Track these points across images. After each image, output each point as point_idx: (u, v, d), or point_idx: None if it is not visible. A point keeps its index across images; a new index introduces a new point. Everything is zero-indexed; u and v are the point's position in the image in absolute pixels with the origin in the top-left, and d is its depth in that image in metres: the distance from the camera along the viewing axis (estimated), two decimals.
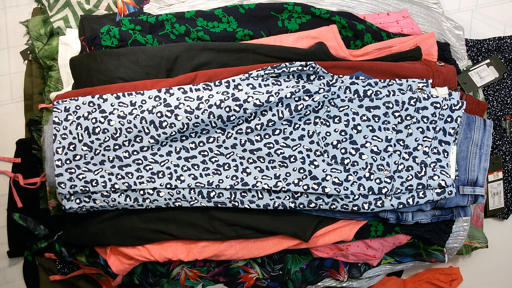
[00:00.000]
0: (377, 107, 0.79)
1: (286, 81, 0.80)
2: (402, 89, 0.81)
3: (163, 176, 0.78)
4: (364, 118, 0.79)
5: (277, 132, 0.79)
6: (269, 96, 0.76)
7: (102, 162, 0.78)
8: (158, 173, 0.78)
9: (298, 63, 0.78)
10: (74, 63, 0.84)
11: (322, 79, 0.81)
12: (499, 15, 1.08)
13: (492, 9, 1.09)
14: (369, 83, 0.81)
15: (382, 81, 0.81)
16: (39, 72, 1.01)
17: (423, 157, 0.79)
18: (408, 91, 0.80)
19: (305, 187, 0.77)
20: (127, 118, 0.77)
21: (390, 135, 0.79)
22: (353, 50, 0.88)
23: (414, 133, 0.79)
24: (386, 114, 0.79)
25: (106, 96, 0.78)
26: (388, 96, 0.79)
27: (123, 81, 0.81)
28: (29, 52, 1.02)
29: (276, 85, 0.80)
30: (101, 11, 0.99)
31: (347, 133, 0.79)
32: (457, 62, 0.97)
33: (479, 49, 1.03)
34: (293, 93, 0.76)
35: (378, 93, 0.79)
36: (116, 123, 0.77)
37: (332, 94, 0.79)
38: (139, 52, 0.81)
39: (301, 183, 0.77)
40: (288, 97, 0.76)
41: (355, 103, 0.80)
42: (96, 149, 0.77)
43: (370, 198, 0.78)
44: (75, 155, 0.77)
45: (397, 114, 0.79)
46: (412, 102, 0.79)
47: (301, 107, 0.77)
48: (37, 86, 1.01)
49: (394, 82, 0.81)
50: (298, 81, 0.81)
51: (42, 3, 1.00)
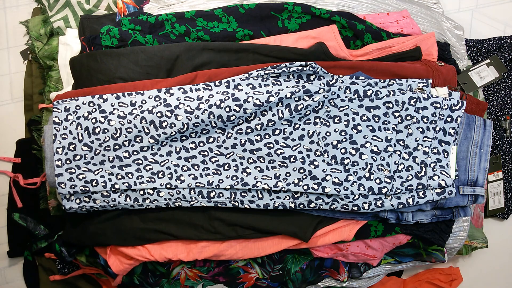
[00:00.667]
0: (377, 107, 0.79)
1: (286, 81, 0.80)
2: (402, 89, 0.81)
3: (163, 176, 0.78)
4: (364, 118, 0.79)
5: (277, 132, 0.79)
6: (269, 96, 0.76)
7: (102, 162, 0.78)
8: (158, 173, 0.78)
9: (298, 63, 0.78)
10: (74, 63, 0.84)
11: (322, 79, 0.81)
12: (499, 15, 1.08)
13: (492, 9, 1.09)
14: (369, 83, 0.81)
15: (382, 81, 0.81)
16: (39, 72, 1.01)
17: (423, 157, 0.79)
18: (408, 91, 0.80)
19: (305, 187, 0.77)
20: (127, 118, 0.77)
21: (390, 135, 0.79)
22: (353, 50, 0.88)
23: (414, 133, 0.79)
24: (386, 114, 0.79)
25: (106, 96, 0.78)
26: (388, 96, 0.79)
27: (123, 81, 0.81)
28: (29, 52, 1.02)
29: (276, 85, 0.80)
30: (101, 11, 0.99)
31: (347, 133, 0.79)
32: (457, 62, 0.97)
33: (479, 49, 1.03)
34: (293, 93, 0.76)
35: (378, 93, 0.79)
36: (116, 123, 0.77)
37: (332, 94, 0.79)
38: (139, 52, 0.81)
39: (301, 183, 0.77)
40: (288, 97, 0.76)
41: (355, 103, 0.80)
42: (96, 149, 0.77)
43: (370, 198, 0.78)
44: (75, 155, 0.77)
45: (397, 114, 0.79)
46: (412, 102, 0.79)
47: (301, 107, 0.77)
48: (37, 86, 1.01)
49: (394, 82, 0.81)
50: (298, 81, 0.81)
51: (42, 3, 1.00)
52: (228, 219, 0.80)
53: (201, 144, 0.79)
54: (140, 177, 0.77)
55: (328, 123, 0.79)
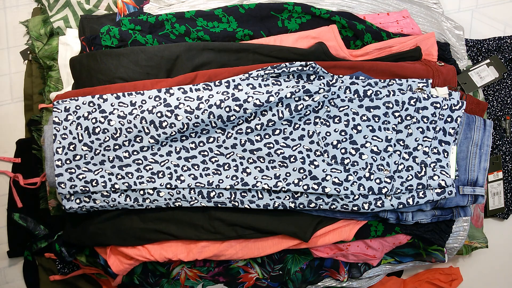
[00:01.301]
0: (377, 107, 0.79)
1: (286, 81, 0.80)
2: (402, 89, 0.81)
3: (163, 176, 0.78)
4: (364, 118, 0.79)
5: (277, 132, 0.79)
6: (269, 96, 0.76)
7: (102, 162, 0.78)
8: (158, 173, 0.78)
9: (298, 63, 0.78)
10: (74, 63, 0.84)
11: (322, 79, 0.81)
12: (499, 15, 1.08)
13: (492, 9, 1.09)
14: (369, 83, 0.81)
15: (382, 81, 0.81)
16: (39, 72, 1.01)
17: (423, 157, 0.79)
18: (408, 91, 0.80)
19: (305, 187, 0.77)
20: (127, 118, 0.77)
21: (390, 135, 0.79)
22: (353, 50, 0.88)
23: (414, 133, 0.79)
24: (386, 114, 0.79)
25: (106, 96, 0.78)
26: (388, 96, 0.79)
27: (123, 81, 0.81)
28: (29, 52, 1.02)
29: (276, 85, 0.80)
30: (101, 11, 0.99)
31: (347, 133, 0.79)
32: (457, 62, 0.97)
33: (479, 49, 1.03)
34: (293, 93, 0.76)
35: (378, 93, 0.79)
36: (116, 123, 0.77)
37: (332, 94, 0.79)
38: (139, 52, 0.81)
39: (301, 183, 0.77)
40: (288, 97, 0.76)
41: (355, 103, 0.80)
42: (96, 149, 0.77)
43: (370, 198, 0.78)
44: (75, 155, 0.77)
45: (397, 114, 0.79)
46: (412, 102, 0.79)
47: (301, 107, 0.77)
48: (37, 86, 1.01)
49: (394, 82, 0.81)
50: (298, 81, 0.81)
51: (42, 3, 1.00)
52: (228, 219, 0.80)
53: (201, 144, 0.79)
54: (140, 177, 0.77)
55: (328, 123, 0.79)
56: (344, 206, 0.78)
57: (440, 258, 0.91)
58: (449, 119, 0.79)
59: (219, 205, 0.79)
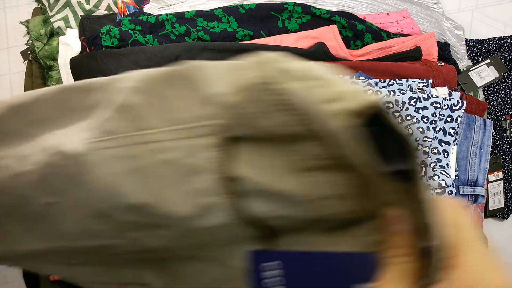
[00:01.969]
0: None
1: None
2: (402, 89, 0.81)
3: None
4: None
5: None
6: None
7: None
8: None
9: None
10: (74, 63, 0.84)
11: None
12: (499, 15, 1.08)
13: (492, 9, 1.09)
14: (369, 83, 0.81)
15: (382, 81, 0.81)
16: (39, 72, 1.01)
17: (423, 157, 0.79)
18: (408, 91, 0.80)
19: None
20: None
21: None
22: (353, 50, 0.88)
23: (414, 133, 0.79)
24: None
25: None
26: (388, 96, 0.79)
27: None
28: (29, 52, 1.02)
29: None
30: (101, 11, 0.99)
31: None
32: (457, 62, 0.97)
33: (479, 49, 1.03)
34: None
35: (378, 93, 0.79)
36: None
37: None
38: (139, 52, 0.81)
39: None
40: None
41: None
42: None
43: None
44: None
45: (397, 114, 0.79)
46: (412, 102, 0.79)
47: None
48: (37, 86, 1.01)
49: (394, 82, 0.81)
50: None
51: (42, 3, 1.00)
52: None
53: None
54: None
55: None
56: None
57: None
58: (449, 119, 0.79)
59: None
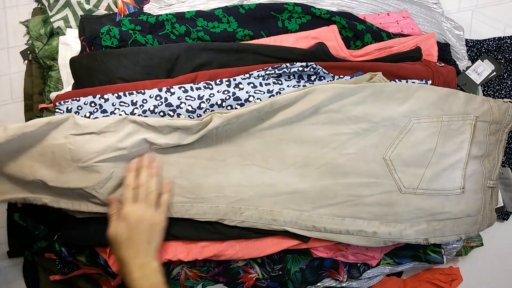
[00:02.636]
0: None
1: (287, 80, 0.80)
2: None
3: None
4: None
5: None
6: (271, 95, 0.76)
7: None
8: None
9: (299, 64, 0.78)
10: (74, 63, 0.84)
11: (322, 79, 0.81)
12: (499, 15, 1.08)
13: (492, 9, 1.09)
14: None
15: None
16: (39, 72, 1.01)
17: None
18: None
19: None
20: None
21: None
22: (353, 51, 0.88)
23: None
24: None
25: (107, 96, 0.78)
26: None
27: (123, 82, 0.81)
28: (29, 52, 1.02)
29: (277, 84, 0.80)
30: (101, 11, 0.99)
31: None
32: (457, 63, 0.97)
33: (479, 49, 1.03)
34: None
35: None
36: None
37: None
38: (139, 52, 0.81)
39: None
40: None
41: None
42: None
43: None
44: None
45: None
46: None
47: None
48: (37, 86, 1.01)
49: (394, 83, 0.81)
50: (299, 81, 0.81)
51: (42, 3, 1.00)
52: None
53: None
54: None
55: None
56: None
57: (438, 260, 0.91)
58: None
59: None
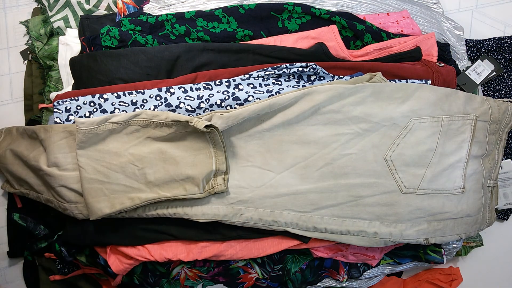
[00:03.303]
0: None
1: (287, 81, 0.80)
2: None
3: None
4: None
5: None
6: (270, 95, 0.76)
7: None
8: None
9: (298, 64, 0.78)
10: (74, 63, 0.84)
11: (322, 79, 0.81)
12: (499, 15, 1.08)
13: (492, 9, 1.09)
14: None
15: None
16: (39, 72, 1.01)
17: None
18: None
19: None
20: None
21: None
22: (353, 51, 0.88)
23: None
24: None
25: (106, 95, 0.78)
26: None
27: (123, 82, 0.81)
28: (29, 52, 1.02)
29: (276, 84, 0.80)
30: (101, 11, 0.99)
31: None
32: (457, 63, 0.97)
33: (479, 49, 1.03)
34: None
35: None
36: None
37: None
38: (139, 52, 0.81)
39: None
40: None
41: None
42: None
43: None
44: None
45: None
46: None
47: None
48: (37, 86, 1.01)
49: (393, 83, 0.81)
50: (299, 81, 0.81)
51: (42, 3, 1.00)
52: None
53: None
54: None
55: None
56: None
57: (438, 260, 0.91)
58: None
59: None
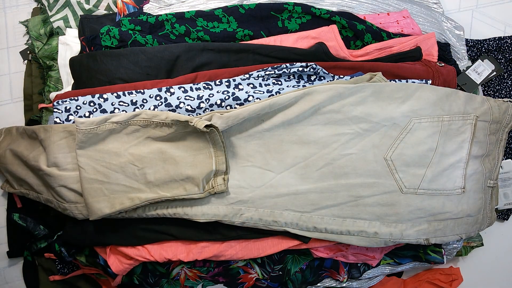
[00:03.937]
0: None
1: (287, 81, 0.80)
2: None
3: None
4: None
5: None
6: (270, 95, 0.76)
7: None
8: None
9: (298, 64, 0.78)
10: (74, 63, 0.84)
11: (322, 79, 0.81)
12: (499, 15, 1.08)
13: (492, 9, 1.09)
14: None
15: None
16: (38, 72, 1.01)
17: None
18: None
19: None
20: None
21: None
22: (353, 51, 0.88)
23: None
24: None
25: (106, 95, 0.78)
26: None
27: (123, 82, 0.81)
28: (29, 52, 1.02)
29: (277, 84, 0.80)
30: (101, 11, 0.99)
31: None
32: (458, 63, 0.97)
33: (479, 49, 1.03)
34: None
35: None
36: None
37: None
38: (139, 52, 0.81)
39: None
40: None
41: None
42: None
43: None
44: None
45: None
46: None
47: None
48: (36, 86, 1.01)
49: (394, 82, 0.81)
50: (299, 81, 0.81)
51: (42, 3, 1.00)
52: None
53: None
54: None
55: None
56: None
57: (439, 260, 0.91)
58: None
59: None
